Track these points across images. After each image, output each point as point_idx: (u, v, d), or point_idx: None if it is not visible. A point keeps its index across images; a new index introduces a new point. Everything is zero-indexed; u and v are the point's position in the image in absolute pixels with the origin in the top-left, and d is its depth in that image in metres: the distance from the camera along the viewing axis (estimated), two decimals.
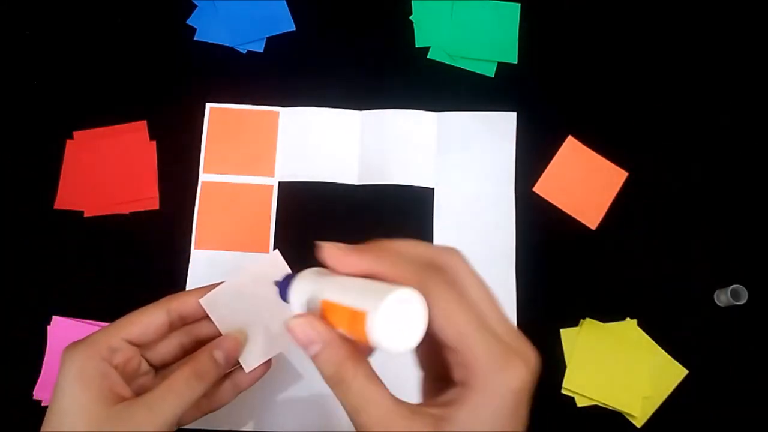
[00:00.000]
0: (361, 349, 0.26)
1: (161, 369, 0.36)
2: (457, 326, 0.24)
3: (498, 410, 0.24)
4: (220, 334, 0.35)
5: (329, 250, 0.27)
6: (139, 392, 0.32)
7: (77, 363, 0.31)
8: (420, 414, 0.25)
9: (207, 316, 0.35)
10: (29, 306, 0.46)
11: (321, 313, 0.27)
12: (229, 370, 0.35)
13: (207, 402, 0.36)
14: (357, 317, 0.24)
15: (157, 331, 0.34)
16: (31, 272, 0.47)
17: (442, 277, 0.25)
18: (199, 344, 0.35)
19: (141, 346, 0.34)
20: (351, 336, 0.25)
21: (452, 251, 0.27)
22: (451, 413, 0.24)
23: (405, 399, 0.25)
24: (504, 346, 0.25)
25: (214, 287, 0.35)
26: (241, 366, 0.35)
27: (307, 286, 0.29)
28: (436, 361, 0.26)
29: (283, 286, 0.31)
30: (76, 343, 0.32)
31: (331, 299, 0.26)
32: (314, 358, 0.26)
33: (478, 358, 0.24)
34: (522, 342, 0.26)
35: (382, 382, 0.25)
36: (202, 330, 0.36)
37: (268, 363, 0.36)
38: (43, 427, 0.31)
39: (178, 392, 0.32)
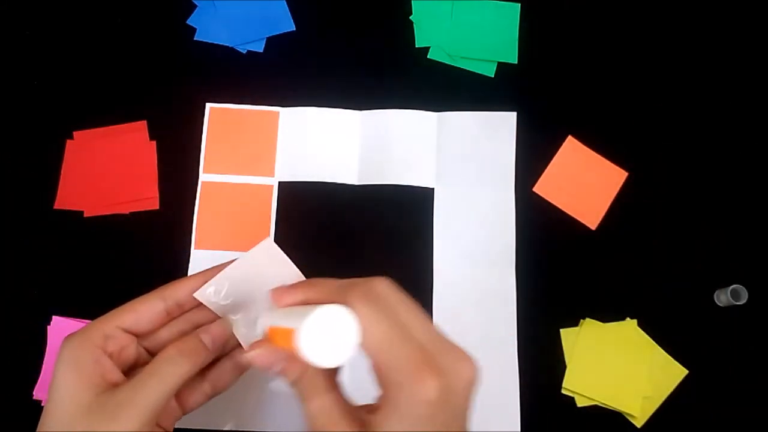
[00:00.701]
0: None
1: None
2: (372, 337, 0.26)
3: (411, 420, 0.26)
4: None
5: (272, 292, 0.31)
6: None
7: (70, 351, 0.32)
8: (353, 413, 0.28)
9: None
10: (29, 306, 0.46)
11: (268, 338, 0.31)
12: (223, 352, 0.35)
13: (209, 385, 0.35)
14: (289, 335, 0.26)
15: (153, 319, 0.34)
16: (31, 272, 0.47)
17: (360, 292, 0.27)
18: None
19: (138, 335, 0.34)
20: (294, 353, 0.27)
21: (378, 277, 0.29)
22: (372, 419, 0.27)
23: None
24: (422, 357, 0.26)
25: (209, 274, 0.35)
26: (240, 345, 0.35)
27: (264, 319, 0.32)
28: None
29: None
30: (72, 333, 0.33)
31: (272, 324, 0.30)
32: (279, 373, 0.30)
33: (390, 368, 0.26)
34: (450, 352, 0.27)
35: (334, 382, 0.29)
36: (200, 317, 0.36)
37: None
38: (41, 414, 0.31)
39: (162, 372, 0.31)
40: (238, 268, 0.35)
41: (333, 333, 0.26)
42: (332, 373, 0.30)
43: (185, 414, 0.35)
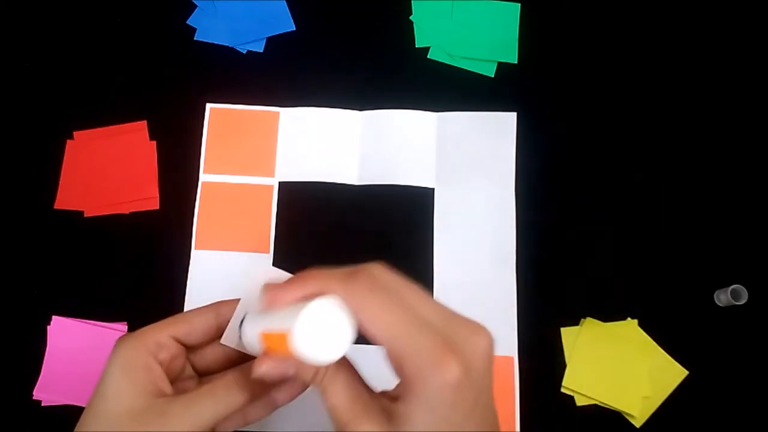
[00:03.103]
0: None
1: (205, 377, 0.36)
2: (384, 327, 0.26)
3: (438, 406, 0.25)
4: None
5: (263, 294, 0.29)
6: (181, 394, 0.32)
7: (124, 353, 0.32)
8: (376, 403, 0.28)
9: None
10: (29, 306, 0.46)
11: (264, 346, 0.29)
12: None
13: (241, 415, 0.35)
14: (282, 339, 0.25)
15: (205, 333, 0.34)
16: (31, 272, 0.47)
17: (365, 282, 0.27)
18: (245, 356, 0.35)
19: (188, 347, 0.34)
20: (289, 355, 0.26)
21: (372, 263, 0.28)
22: (397, 410, 0.26)
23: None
24: (438, 341, 0.25)
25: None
26: (277, 384, 0.34)
27: (252, 325, 0.31)
28: None
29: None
30: (126, 335, 0.33)
31: (263, 330, 0.29)
32: (295, 376, 0.29)
33: (407, 356, 0.25)
34: (463, 328, 0.27)
35: (352, 372, 0.29)
36: None
37: (302, 385, 0.35)
38: (84, 410, 0.31)
39: (218, 397, 0.31)
40: (245, 302, 0.34)
41: (328, 327, 0.25)
42: (349, 365, 0.29)
43: None
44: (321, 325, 0.25)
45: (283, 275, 0.34)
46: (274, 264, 0.47)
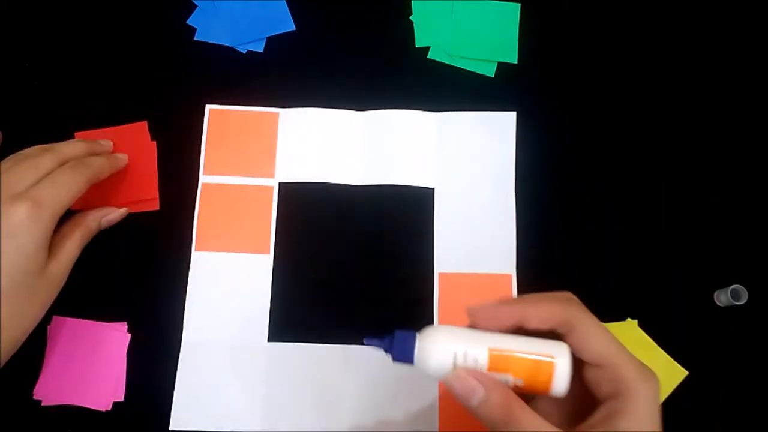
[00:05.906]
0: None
1: None
2: (604, 346, 0.30)
3: (652, 412, 0.30)
4: None
5: (481, 311, 0.32)
6: None
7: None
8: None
9: None
10: None
11: (488, 364, 0.30)
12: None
13: None
14: (542, 365, 0.30)
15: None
16: None
17: (580, 308, 0.31)
18: None
19: None
20: (523, 383, 0.30)
21: (564, 292, 0.33)
22: (616, 423, 0.29)
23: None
24: (638, 361, 0.31)
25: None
26: None
27: (450, 343, 0.31)
28: (576, 387, 0.31)
29: (400, 346, 0.32)
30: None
31: (503, 349, 0.30)
32: (479, 406, 0.30)
33: (629, 370, 0.30)
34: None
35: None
36: None
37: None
38: None
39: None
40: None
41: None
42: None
43: None
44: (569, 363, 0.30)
45: None
46: (275, 264, 0.47)
